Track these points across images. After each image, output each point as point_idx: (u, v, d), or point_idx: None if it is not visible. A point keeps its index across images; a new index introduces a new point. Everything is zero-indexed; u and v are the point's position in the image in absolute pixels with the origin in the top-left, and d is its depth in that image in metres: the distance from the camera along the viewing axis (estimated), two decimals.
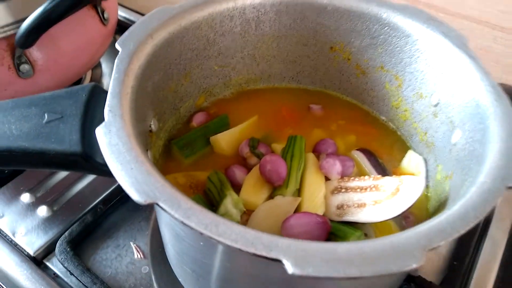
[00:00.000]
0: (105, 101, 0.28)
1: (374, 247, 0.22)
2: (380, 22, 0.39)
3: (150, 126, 0.35)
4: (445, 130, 0.37)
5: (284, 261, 0.21)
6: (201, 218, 0.23)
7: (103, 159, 0.26)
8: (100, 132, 0.26)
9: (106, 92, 0.29)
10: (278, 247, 0.22)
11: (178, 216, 0.23)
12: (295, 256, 0.21)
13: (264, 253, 0.22)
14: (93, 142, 0.27)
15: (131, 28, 0.34)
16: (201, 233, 0.22)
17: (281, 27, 0.43)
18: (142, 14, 0.90)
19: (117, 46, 0.32)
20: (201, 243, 0.28)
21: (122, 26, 0.72)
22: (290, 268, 0.21)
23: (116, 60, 0.31)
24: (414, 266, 0.21)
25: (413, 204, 0.33)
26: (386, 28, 0.39)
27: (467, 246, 0.49)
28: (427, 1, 0.63)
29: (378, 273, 0.21)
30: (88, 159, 0.29)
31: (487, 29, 0.62)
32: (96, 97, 0.31)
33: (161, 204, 0.23)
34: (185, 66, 0.40)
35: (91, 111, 0.30)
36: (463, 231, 0.23)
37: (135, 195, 0.23)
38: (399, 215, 0.33)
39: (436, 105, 0.38)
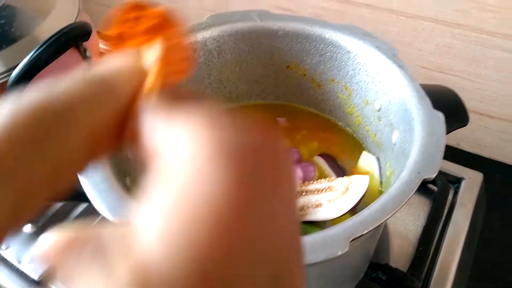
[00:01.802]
0: None
1: (307, 240, 0.27)
2: (324, 41, 0.44)
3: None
4: (388, 131, 0.42)
5: None
6: None
7: (83, 189, 0.31)
8: None
9: None
10: None
11: None
12: None
13: None
14: None
15: None
16: None
17: (241, 53, 0.48)
18: None
19: None
20: None
21: None
22: None
23: None
24: (339, 253, 0.26)
25: (361, 200, 0.38)
26: (330, 46, 0.45)
27: (433, 231, 0.53)
28: (387, 6, 0.67)
29: (311, 262, 0.26)
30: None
31: (445, 27, 0.66)
32: None
33: None
34: None
35: None
36: (383, 220, 0.28)
37: (110, 217, 0.28)
38: (349, 211, 0.38)
39: (379, 110, 0.43)
